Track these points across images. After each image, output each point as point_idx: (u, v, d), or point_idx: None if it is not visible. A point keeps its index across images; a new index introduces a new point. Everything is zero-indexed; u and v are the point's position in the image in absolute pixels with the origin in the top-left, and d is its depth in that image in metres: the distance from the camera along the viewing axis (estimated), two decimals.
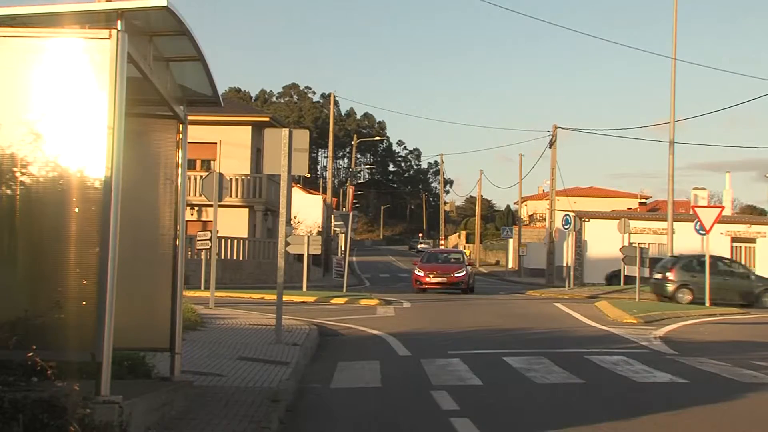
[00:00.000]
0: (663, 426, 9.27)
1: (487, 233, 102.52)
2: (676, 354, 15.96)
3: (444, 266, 38.99)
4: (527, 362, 13.98)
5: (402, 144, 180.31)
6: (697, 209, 35.16)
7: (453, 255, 42.17)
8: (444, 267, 38.87)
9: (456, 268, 38.52)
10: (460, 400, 10.41)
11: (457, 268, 38.36)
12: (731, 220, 56.72)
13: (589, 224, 54.66)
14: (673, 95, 43.01)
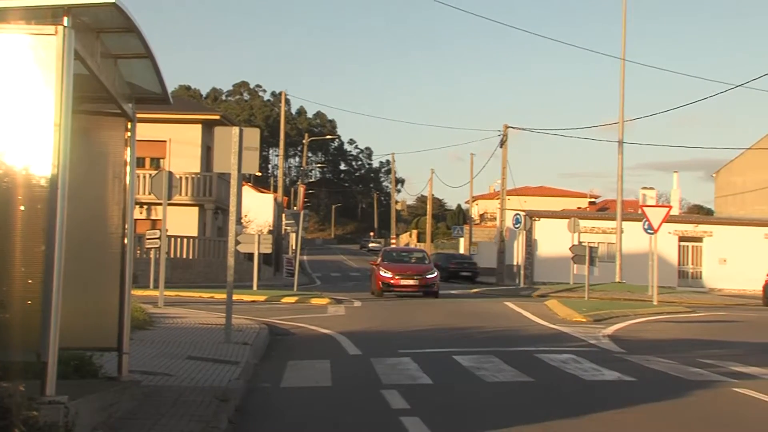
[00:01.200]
0: (611, 424, 9.35)
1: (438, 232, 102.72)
2: (624, 352, 16.12)
3: (414, 267, 34.70)
4: (477, 361, 14.03)
5: (353, 143, 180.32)
6: (646, 209, 35.54)
7: (416, 254, 38.46)
8: (414, 268, 34.47)
9: (426, 268, 34.26)
10: (411, 399, 10.42)
11: (428, 269, 34.18)
12: (679, 220, 57.44)
13: (539, 223, 55.04)
14: (622, 95, 43.49)
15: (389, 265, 34.16)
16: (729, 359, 15.10)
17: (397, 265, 34.36)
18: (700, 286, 53.30)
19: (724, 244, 55.97)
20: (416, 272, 33.70)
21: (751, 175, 65.73)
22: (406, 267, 34.46)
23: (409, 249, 48.91)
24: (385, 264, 34.40)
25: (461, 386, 11.83)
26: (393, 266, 34.09)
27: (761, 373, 13.31)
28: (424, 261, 36.22)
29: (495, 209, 71.33)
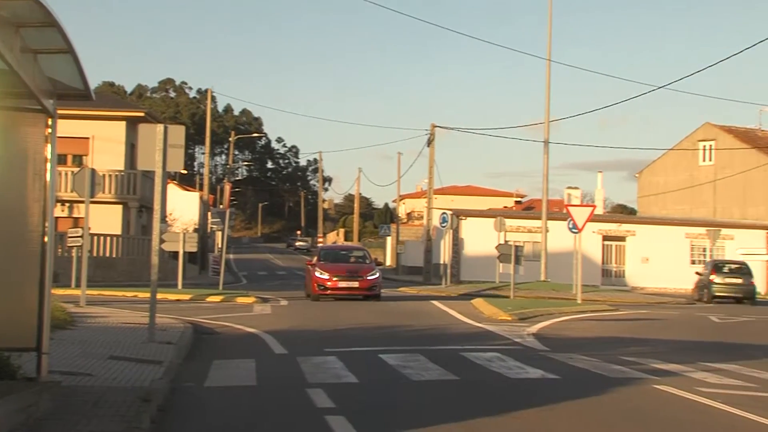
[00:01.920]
0: (534, 421, 9.42)
1: (366, 231, 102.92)
2: (548, 350, 16.29)
3: (353, 266, 31.59)
4: (403, 359, 14.05)
5: (281, 141, 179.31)
6: (570, 208, 36.00)
7: (356, 252, 34.60)
8: (354, 268, 31.38)
9: (367, 269, 31.25)
10: (336, 398, 10.39)
11: (369, 270, 31.13)
12: (603, 219, 58.30)
13: (466, 222, 55.41)
14: (547, 96, 44.00)
15: (326, 266, 30.88)
16: (650, 357, 15.36)
17: (334, 266, 31.07)
18: (623, 285, 54.15)
19: (646, 243, 56.95)
20: (356, 273, 30.66)
21: (673, 176, 67.01)
22: (344, 267, 31.15)
23: (349, 247, 45.09)
24: (321, 264, 31.03)
25: (387, 385, 11.83)
26: (330, 266, 30.80)
27: (681, 370, 13.55)
28: (365, 260, 32.68)
29: (422, 208, 71.64)
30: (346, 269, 31.00)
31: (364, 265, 31.89)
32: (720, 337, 21.15)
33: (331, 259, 32.18)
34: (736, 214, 62.10)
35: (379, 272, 31.68)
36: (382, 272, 34.35)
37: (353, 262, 32.31)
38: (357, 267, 31.52)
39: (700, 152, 65.17)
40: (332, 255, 33.37)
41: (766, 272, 57.32)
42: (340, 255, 33.73)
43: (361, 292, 30.34)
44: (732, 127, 65.54)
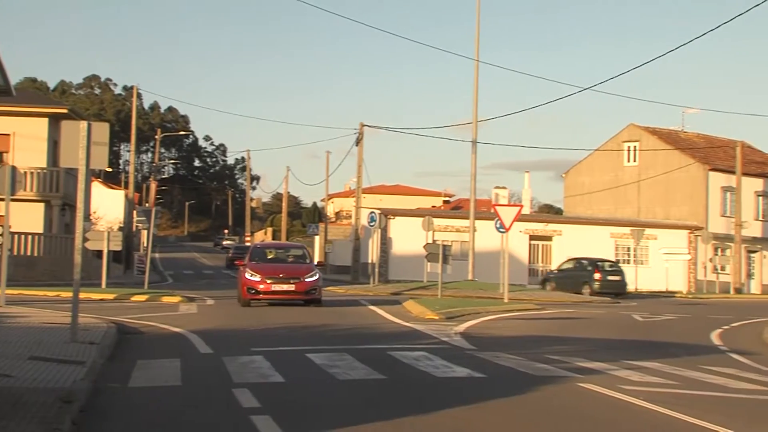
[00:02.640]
0: (461, 419, 9.44)
1: (294, 230, 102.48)
2: (475, 349, 16.37)
3: (290, 267, 27.67)
4: (330, 359, 14.01)
5: (209, 139, 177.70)
6: (498, 208, 36.26)
7: (293, 251, 30.66)
8: (290, 268, 27.47)
9: (305, 270, 27.30)
10: (262, 398, 10.30)
11: (307, 271, 27.25)
12: (529, 219, 58.89)
13: (394, 222, 55.52)
14: (475, 96, 44.29)
15: (258, 266, 27.22)
16: (574, 355, 15.53)
17: (268, 266, 27.42)
18: None
19: (572, 242, 57.62)
20: (293, 274, 26.88)
21: (598, 176, 67.90)
22: (280, 268, 27.37)
23: (285, 245, 40.44)
24: (253, 264, 27.36)
25: (313, 384, 11.78)
26: (263, 267, 27.15)
27: (605, 368, 13.72)
28: (303, 260, 28.79)
29: (351, 207, 71.63)
30: (282, 270, 27.04)
31: (302, 265, 27.91)
32: (643, 335, 21.49)
33: (265, 259, 28.59)
34: (659, 214, 63.19)
35: (319, 273, 27.55)
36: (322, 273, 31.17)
37: (291, 262, 28.48)
38: (294, 268, 27.57)
39: (624, 153, 66.13)
40: (266, 254, 29.52)
41: (687, 271, 58.46)
42: (276, 254, 29.82)
43: (299, 297, 26.72)
44: (656, 128, 66.63)
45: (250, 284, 26.54)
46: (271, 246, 35.77)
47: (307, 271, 27.23)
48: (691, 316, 29.72)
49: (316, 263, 28.92)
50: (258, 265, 27.43)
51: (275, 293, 26.60)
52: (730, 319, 28.03)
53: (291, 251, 30.53)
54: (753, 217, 62.54)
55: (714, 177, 61.60)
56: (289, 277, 26.72)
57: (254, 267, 27.14)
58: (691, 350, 17.88)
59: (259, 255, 28.83)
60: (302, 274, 26.94)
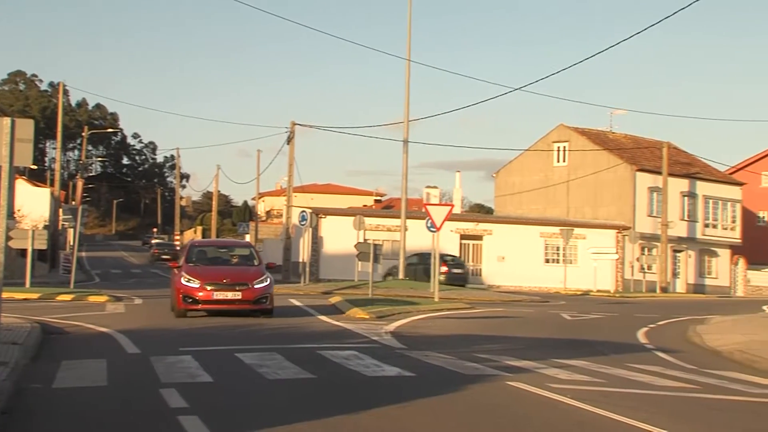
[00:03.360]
0: (390, 418, 9.43)
1: (224, 229, 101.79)
2: (405, 348, 16.39)
3: (235, 270, 23.28)
4: (260, 358, 13.91)
5: (137, 137, 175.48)
6: (429, 207, 36.35)
7: (239, 250, 26.07)
8: (236, 272, 23.08)
9: (254, 274, 23.00)
10: (190, 398, 10.19)
11: (256, 275, 22.92)
12: (460, 218, 59.24)
13: (325, 221, 55.43)
14: (407, 95, 44.37)
15: (197, 269, 22.77)
16: (504, 354, 15.64)
17: (209, 269, 23.04)
18: (479, 283, 55.10)
19: (502, 242, 58.12)
20: (239, 279, 22.53)
21: (528, 176, 68.54)
22: (223, 272, 22.93)
23: (229, 243, 34.19)
24: (189, 267, 22.88)
25: (242, 384, 11.68)
26: (203, 271, 22.77)
27: (533, 367, 13.83)
28: (251, 261, 24.26)
29: (282, 206, 71.32)
30: (226, 274, 22.66)
31: (250, 268, 23.53)
32: (571, 334, 21.72)
33: (205, 260, 24.04)
34: (588, 214, 63.98)
35: (271, 278, 23.18)
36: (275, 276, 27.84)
37: (235, 264, 24.13)
38: (240, 271, 23.19)
39: (554, 153, 66.84)
40: (206, 254, 24.93)
41: (615, 271, 59.28)
42: (218, 254, 25.30)
43: (246, 306, 22.39)
44: (585, 129, 67.44)
45: (186, 291, 22.04)
46: (212, 244, 29.15)
47: (256, 275, 22.77)
48: (619, 315, 30.14)
49: (266, 265, 23.88)
50: (196, 268, 22.88)
51: (217, 302, 22.13)
52: (656, 318, 28.49)
53: (236, 251, 25.76)
54: (678, 217, 63.65)
55: (641, 177, 62.57)
56: (234, 282, 22.24)
57: (191, 270, 22.60)
58: (617, 348, 18.11)
59: (197, 255, 24.10)
60: (250, 279, 22.53)
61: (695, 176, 66.09)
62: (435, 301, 32.07)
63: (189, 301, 22.11)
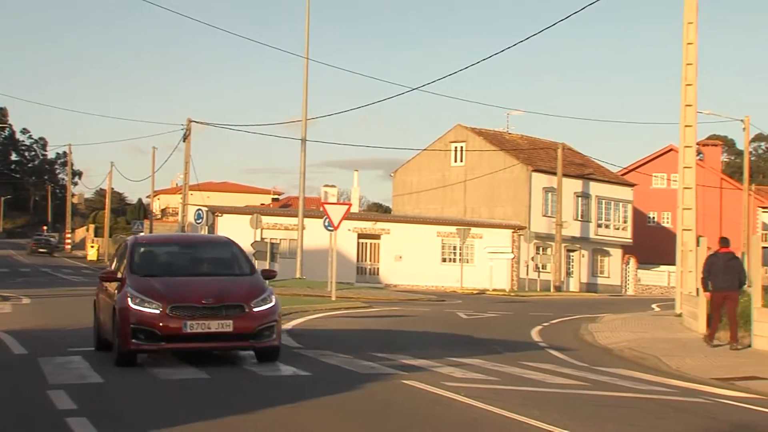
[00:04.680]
0: (286, 418, 9.37)
1: (118, 227, 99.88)
2: (302, 347, 16.35)
3: (216, 285, 13.99)
4: (153, 358, 13.67)
5: (27, 132, 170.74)
6: (327, 206, 36.26)
7: (213, 250, 16.08)
8: (218, 287, 13.88)
9: (249, 288, 14.01)
10: (79, 399, 9.97)
11: (253, 291, 13.95)
12: (358, 217, 59.29)
13: (222, 219, 54.89)
14: (305, 94, 44.18)
15: (153, 284, 13.71)
16: (400, 353, 15.68)
17: (176, 284, 13.90)
18: (377, 282, 55.26)
19: (400, 241, 58.38)
20: (227, 298, 13.57)
21: (426, 175, 68.95)
22: (199, 286, 13.89)
23: (196, 238, 19.99)
24: (141, 281, 13.82)
25: (134, 384, 11.47)
26: (165, 286, 13.71)
27: (428, 365, 13.90)
28: (236, 267, 14.84)
29: (177, 204, 70.41)
30: (204, 290, 13.64)
31: (239, 279, 14.40)
32: (467, 332, 21.92)
33: (159, 267, 14.72)
34: (484, 214, 64.69)
35: (275, 297, 14.10)
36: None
37: (210, 273, 14.78)
38: (228, 285, 14.05)
39: (452, 153, 67.41)
40: (158, 257, 15.32)
41: (511, 270, 60.10)
42: (179, 257, 15.51)
43: (240, 344, 13.69)
44: (482, 129, 68.15)
45: (139, 320, 13.06)
46: (169, 241, 17.53)
47: (254, 291, 13.84)
48: (514, 314, 30.54)
49: (262, 273, 14.80)
50: (152, 281, 13.73)
51: (194, 338, 13.14)
52: (550, 316, 28.95)
53: (208, 251, 15.91)
54: (572, 217, 64.83)
55: (536, 178, 63.54)
56: (220, 305, 13.31)
57: (145, 286, 13.53)
58: (512, 347, 18.33)
59: (145, 260, 14.63)
60: (245, 297, 13.59)
61: (589, 177, 67.41)
62: (332, 300, 32.03)
63: (143, 338, 12.93)
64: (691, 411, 10.77)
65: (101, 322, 14.97)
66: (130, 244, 15.09)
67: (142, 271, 14.01)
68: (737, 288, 18.68)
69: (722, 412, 10.83)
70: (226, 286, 13.85)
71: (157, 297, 13.18)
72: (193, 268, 14.82)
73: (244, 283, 14.09)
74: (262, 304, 13.54)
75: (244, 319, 13.25)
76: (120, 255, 15.29)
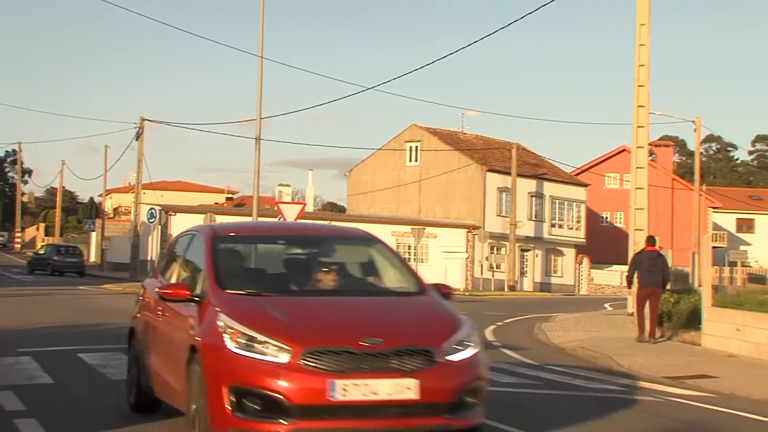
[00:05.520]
0: None
1: (69, 226, 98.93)
2: None
3: (376, 309, 7.85)
4: (104, 358, 13.58)
5: None
6: (281, 205, 36.17)
7: (344, 249, 9.38)
8: (380, 313, 7.75)
9: (430, 323, 7.64)
10: (28, 400, 9.85)
11: (437, 326, 7.57)
12: (312, 217, 59.02)
13: (175, 218, 54.45)
14: (260, 92, 43.81)
15: (267, 314, 7.35)
16: None
17: (306, 312, 7.55)
18: None
19: None
20: (398, 337, 7.25)
21: (381, 175, 68.97)
22: (345, 316, 7.58)
23: (321, 231, 11.39)
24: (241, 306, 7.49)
25: (85, 385, 11.36)
26: (289, 316, 7.33)
27: None
28: (394, 279, 8.71)
29: (130, 203, 69.80)
30: (360, 324, 7.39)
31: (406, 303, 8.18)
32: None
33: (274, 282, 8.44)
34: (439, 214, 64.84)
35: (477, 337, 7.83)
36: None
37: (355, 291, 8.41)
38: (392, 315, 7.80)
39: (407, 153, 67.47)
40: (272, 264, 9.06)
41: (465, 269, 60.31)
42: (300, 263, 9.00)
43: (429, 421, 7.14)
44: (437, 129, 68.29)
45: (247, 378, 7.01)
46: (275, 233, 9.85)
47: (441, 324, 7.74)
48: (468, 313, 30.42)
49: (436, 288, 8.68)
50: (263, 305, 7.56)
51: (350, 412, 6.98)
52: (504, 316, 29.07)
53: (340, 251, 9.47)
54: (526, 216, 65.19)
55: (491, 178, 63.82)
56: (392, 350, 7.13)
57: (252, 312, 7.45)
58: None
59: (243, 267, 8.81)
60: (432, 337, 7.43)
61: (543, 177, 67.84)
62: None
63: (255, 409, 7.02)
64: (643, 409, 10.87)
65: (152, 367, 8.92)
66: (204, 238, 8.59)
67: (237, 285, 7.84)
68: (661, 285, 19.25)
69: (673, 411, 10.94)
70: (393, 315, 7.78)
71: (279, 333, 7.10)
72: (321, 282, 8.33)
73: (420, 309, 7.99)
74: (459, 349, 7.41)
75: (433, 375, 7.14)
76: (179, 256, 9.26)
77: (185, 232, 9.66)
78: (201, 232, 8.96)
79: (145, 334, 9.55)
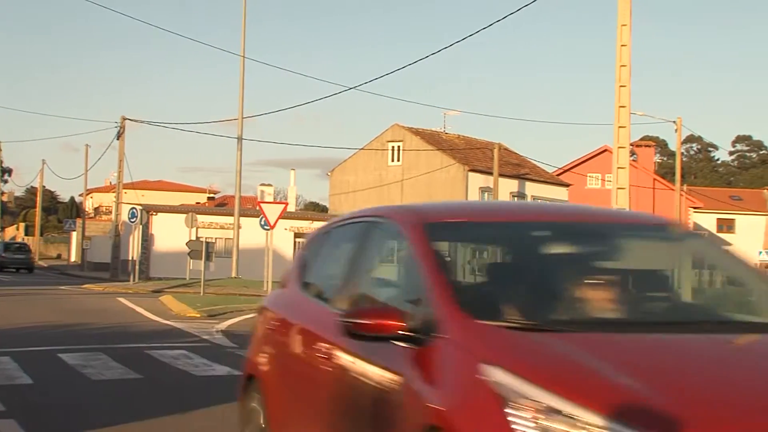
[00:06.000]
0: (219, 418, 9.26)
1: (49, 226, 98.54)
2: (236, 347, 16.16)
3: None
4: (84, 358, 13.47)
5: None
6: (263, 205, 36.06)
7: (639, 245, 5.46)
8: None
9: None
10: (7, 401, 9.74)
11: None
12: (295, 217, 59.11)
13: (156, 218, 54.33)
14: (241, 92, 43.96)
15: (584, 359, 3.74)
16: None
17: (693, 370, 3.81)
18: None
19: None
20: None
21: (362, 175, 68.95)
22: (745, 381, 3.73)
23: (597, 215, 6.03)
24: (537, 348, 3.88)
25: (64, 385, 11.25)
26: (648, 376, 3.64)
27: None
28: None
29: (111, 203, 69.55)
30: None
31: None
32: None
33: (572, 308, 4.52)
34: None
35: None
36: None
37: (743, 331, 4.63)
38: None
39: (389, 153, 67.46)
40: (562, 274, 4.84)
41: None
42: (603, 272, 4.90)
43: None
44: (419, 129, 68.30)
45: None
46: (534, 217, 5.55)
47: None
48: None
49: None
50: (561, 345, 3.90)
51: None
52: None
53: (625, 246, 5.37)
54: None
55: (473, 177, 63.89)
56: None
57: (555, 360, 3.79)
58: None
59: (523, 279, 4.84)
60: None
61: (525, 177, 67.96)
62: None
63: None
64: None
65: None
66: (407, 228, 5.08)
67: (495, 311, 4.30)
68: None
69: None
70: None
71: (639, 413, 3.48)
72: (643, 305, 4.92)
73: None
74: None
75: None
76: (347, 259, 5.77)
77: (349, 219, 6.04)
78: (394, 219, 5.31)
79: (294, 393, 5.54)
